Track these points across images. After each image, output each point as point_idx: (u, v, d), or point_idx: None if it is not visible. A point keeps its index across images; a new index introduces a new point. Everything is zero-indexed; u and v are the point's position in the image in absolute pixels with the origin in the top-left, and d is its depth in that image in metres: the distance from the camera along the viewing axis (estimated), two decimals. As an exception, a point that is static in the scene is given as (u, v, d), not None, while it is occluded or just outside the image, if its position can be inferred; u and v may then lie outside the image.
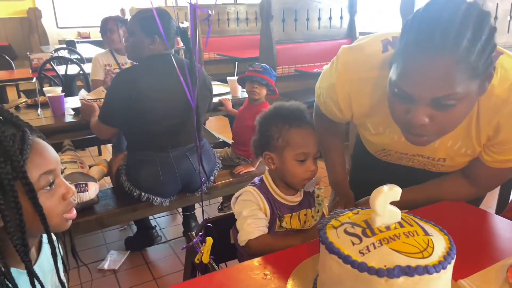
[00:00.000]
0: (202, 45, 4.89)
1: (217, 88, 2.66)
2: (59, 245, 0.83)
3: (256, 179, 1.11)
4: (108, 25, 2.80)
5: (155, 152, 1.84)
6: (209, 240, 1.01)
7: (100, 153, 3.69)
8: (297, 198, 1.08)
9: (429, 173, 1.09)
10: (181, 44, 4.50)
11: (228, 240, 1.14)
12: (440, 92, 0.73)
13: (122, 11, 6.62)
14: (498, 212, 1.22)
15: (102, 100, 1.90)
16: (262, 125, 1.08)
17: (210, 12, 0.90)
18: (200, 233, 1.07)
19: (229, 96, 2.53)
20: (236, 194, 1.08)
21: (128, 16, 6.47)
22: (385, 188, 0.64)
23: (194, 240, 1.05)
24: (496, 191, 1.25)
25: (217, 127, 4.39)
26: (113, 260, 2.11)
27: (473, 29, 0.71)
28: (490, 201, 2.64)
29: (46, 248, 0.81)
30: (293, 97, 4.10)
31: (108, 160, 2.16)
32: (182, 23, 5.96)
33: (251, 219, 1.02)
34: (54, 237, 0.77)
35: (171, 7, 7.39)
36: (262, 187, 1.07)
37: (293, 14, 3.73)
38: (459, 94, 0.73)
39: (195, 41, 1.02)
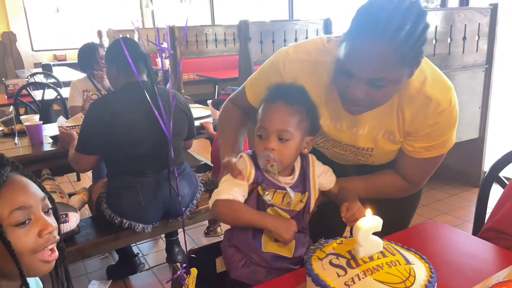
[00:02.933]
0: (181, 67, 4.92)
1: (198, 111, 2.67)
2: None
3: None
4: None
5: (136, 177, 1.83)
6: (194, 271, 1.00)
7: (79, 179, 3.62)
8: (288, 181, 1.01)
9: (366, 169, 1.16)
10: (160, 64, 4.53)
11: (214, 269, 1.14)
12: (376, 74, 0.85)
13: (99, 33, 6.60)
14: (475, 232, 1.26)
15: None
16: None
17: (170, 51, 0.93)
18: (184, 265, 1.06)
19: (210, 119, 2.54)
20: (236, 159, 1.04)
21: (105, 38, 6.45)
22: (367, 221, 0.66)
23: (178, 272, 1.04)
24: (473, 208, 1.29)
25: (199, 149, 4.38)
26: (94, 290, 2.05)
27: (412, 23, 0.81)
28: (468, 215, 2.72)
29: None
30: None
31: (88, 186, 2.13)
32: (162, 43, 6.00)
33: (228, 182, 0.98)
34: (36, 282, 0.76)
35: (151, 28, 7.42)
36: (254, 157, 1.01)
37: (270, 36, 3.81)
38: (391, 78, 0.86)
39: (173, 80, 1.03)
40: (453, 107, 0.98)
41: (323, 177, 1.08)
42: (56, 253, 0.74)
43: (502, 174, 1.28)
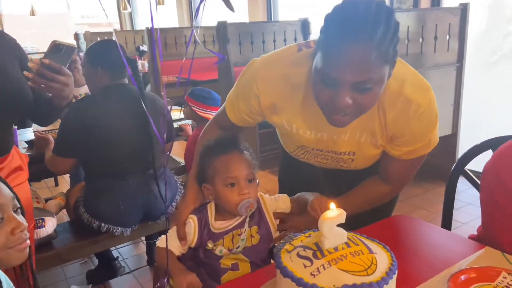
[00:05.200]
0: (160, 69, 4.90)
1: (177, 113, 2.67)
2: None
3: (204, 203, 1.14)
4: None
5: (114, 181, 1.82)
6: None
7: (57, 184, 3.57)
8: (235, 222, 1.09)
9: (348, 175, 1.17)
10: (140, 67, 4.50)
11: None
12: (361, 76, 0.84)
13: (76, 35, 6.51)
14: (444, 224, 1.31)
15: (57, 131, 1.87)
16: (197, 159, 1.13)
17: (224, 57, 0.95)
18: (166, 276, 1.08)
19: (189, 121, 2.55)
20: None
21: (82, 41, 6.37)
22: (332, 212, 0.69)
23: (165, 280, 1.06)
24: (442, 201, 1.34)
25: (178, 151, 4.37)
26: (74, 295, 2.04)
27: (385, 21, 0.83)
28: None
29: None
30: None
31: (65, 191, 2.11)
32: (142, 45, 5.96)
33: (173, 235, 1.10)
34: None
35: (129, 31, 7.36)
36: (202, 216, 1.10)
37: (249, 37, 3.83)
38: (375, 78, 0.85)
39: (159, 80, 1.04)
40: (432, 107, 0.99)
41: (275, 204, 1.15)
42: (28, 241, 0.77)
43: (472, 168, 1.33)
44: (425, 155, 1.07)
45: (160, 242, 1.11)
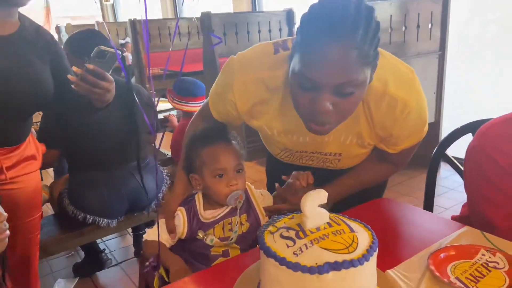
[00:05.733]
0: (145, 61, 4.84)
1: (162, 104, 2.66)
2: None
3: (192, 194, 1.14)
4: None
5: (99, 172, 1.81)
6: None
7: (41, 178, 3.51)
8: (223, 211, 1.10)
9: (335, 173, 1.15)
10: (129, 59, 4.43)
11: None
12: (343, 78, 0.79)
13: (58, 28, 6.39)
14: (426, 206, 1.33)
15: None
16: (185, 150, 1.13)
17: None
18: (152, 261, 1.08)
19: (174, 112, 2.54)
20: None
21: (63, 34, 6.25)
22: (313, 192, 0.69)
23: (151, 260, 1.06)
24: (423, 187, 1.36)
25: (164, 142, 4.34)
26: (61, 288, 2.02)
27: (365, 19, 0.78)
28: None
29: None
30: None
31: (49, 185, 2.09)
32: (124, 39, 5.87)
33: (164, 228, 1.09)
34: None
35: (111, 23, 7.25)
36: (191, 207, 1.10)
37: (233, 28, 3.81)
38: (357, 80, 0.80)
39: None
40: (420, 102, 0.96)
41: (261, 198, 1.16)
42: (7, 231, 0.76)
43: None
44: (421, 140, 1.06)
45: (148, 235, 1.10)
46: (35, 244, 1.43)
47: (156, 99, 2.96)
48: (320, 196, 0.69)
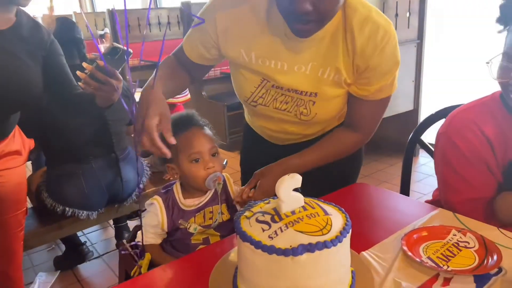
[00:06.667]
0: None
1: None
2: None
3: (169, 184, 1.14)
4: None
5: (77, 164, 1.79)
6: (148, 256, 1.03)
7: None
8: (205, 199, 1.10)
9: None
10: (102, 50, 4.37)
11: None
12: None
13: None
14: (403, 191, 1.36)
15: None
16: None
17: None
18: (135, 245, 1.07)
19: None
20: (147, 202, 1.11)
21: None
22: (287, 177, 0.70)
23: (133, 243, 1.06)
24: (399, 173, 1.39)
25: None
26: (42, 282, 2.00)
27: None
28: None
29: None
30: (220, 99, 4.14)
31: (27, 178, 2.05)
32: (103, 30, 5.75)
33: (149, 227, 1.08)
34: None
35: (89, 13, 7.08)
36: (169, 196, 1.10)
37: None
38: None
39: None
40: (396, 40, 0.99)
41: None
42: None
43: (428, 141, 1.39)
44: (389, 98, 1.07)
45: (145, 241, 1.07)
46: (19, 240, 1.41)
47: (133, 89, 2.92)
48: (294, 180, 0.70)
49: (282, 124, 1.16)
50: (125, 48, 1.12)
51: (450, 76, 3.55)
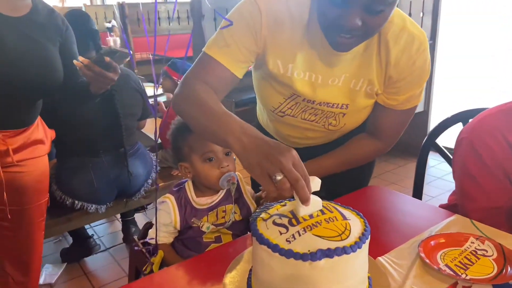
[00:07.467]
0: (133, 45, 4.76)
1: (150, 90, 2.62)
2: None
3: (180, 183, 1.13)
4: None
5: (87, 158, 1.79)
6: (161, 253, 1.02)
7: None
8: (217, 197, 1.09)
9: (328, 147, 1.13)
10: (111, 43, 4.35)
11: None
12: None
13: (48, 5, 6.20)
14: (415, 195, 1.34)
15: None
16: (171, 140, 1.11)
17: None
18: (149, 242, 1.06)
19: (163, 98, 2.51)
20: (159, 200, 1.10)
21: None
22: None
23: (147, 239, 1.06)
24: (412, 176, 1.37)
25: (152, 128, 4.31)
26: (48, 274, 2.01)
27: None
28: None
29: None
30: (228, 95, 4.12)
31: (36, 170, 2.05)
32: (110, 22, 5.74)
33: (161, 226, 1.07)
34: None
35: (99, 6, 7.08)
36: (181, 195, 1.09)
37: (224, 13, 3.74)
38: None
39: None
40: (428, 49, 0.98)
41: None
42: None
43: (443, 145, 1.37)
44: (415, 108, 1.06)
45: (159, 240, 1.07)
46: (41, 229, 1.41)
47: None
48: (314, 183, 0.69)
49: (306, 132, 1.14)
50: (125, 50, 1.28)
51: (461, 74, 3.51)
